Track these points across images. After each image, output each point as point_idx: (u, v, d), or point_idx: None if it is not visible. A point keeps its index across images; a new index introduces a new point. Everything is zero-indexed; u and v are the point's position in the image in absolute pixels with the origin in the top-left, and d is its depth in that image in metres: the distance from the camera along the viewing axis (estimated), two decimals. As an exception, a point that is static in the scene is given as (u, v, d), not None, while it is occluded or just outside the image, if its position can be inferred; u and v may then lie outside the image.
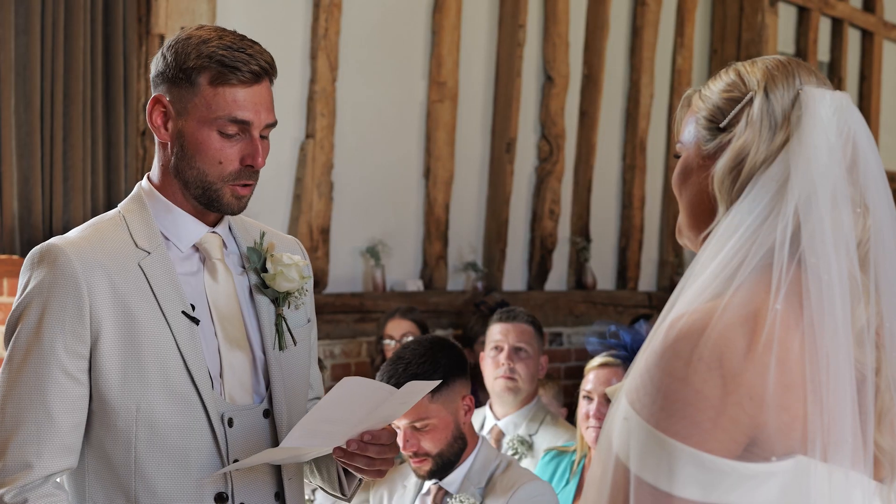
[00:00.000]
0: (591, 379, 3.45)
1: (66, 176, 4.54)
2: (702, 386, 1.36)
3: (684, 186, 1.58)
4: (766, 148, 1.48)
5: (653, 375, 1.40)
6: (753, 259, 1.43)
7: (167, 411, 1.99)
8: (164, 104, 2.06)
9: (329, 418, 1.99)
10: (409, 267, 5.99)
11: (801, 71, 1.53)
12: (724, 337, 1.37)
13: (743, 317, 1.39)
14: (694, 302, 1.42)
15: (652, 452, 1.38)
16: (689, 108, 1.60)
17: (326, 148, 5.47)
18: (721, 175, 1.49)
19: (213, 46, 2.02)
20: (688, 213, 1.58)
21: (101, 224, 2.10)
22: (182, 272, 2.07)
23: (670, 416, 1.37)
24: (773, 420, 1.37)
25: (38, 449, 1.94)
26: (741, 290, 1.41)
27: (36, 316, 1.96)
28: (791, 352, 1.39)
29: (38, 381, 1.95)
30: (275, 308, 2.15)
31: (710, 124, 1.54)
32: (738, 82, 1.53)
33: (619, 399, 1.45)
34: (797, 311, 1.41)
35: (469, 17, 6.12)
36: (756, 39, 7.64)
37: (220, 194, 2.06)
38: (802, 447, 1.38)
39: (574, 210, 6.86)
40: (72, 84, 4.53)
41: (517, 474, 3.00)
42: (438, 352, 2.95)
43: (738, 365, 1.37)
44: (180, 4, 4.81)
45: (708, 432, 1.36)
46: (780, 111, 1.49)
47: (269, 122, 2.07)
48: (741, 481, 1.37)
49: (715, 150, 1.52)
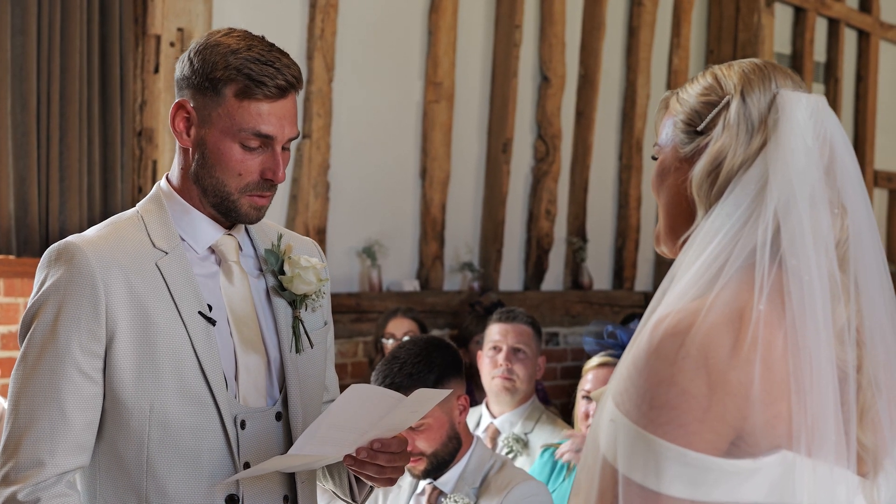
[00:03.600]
0: (589, 379, 3.46)
1: (63, 176, 4.54)
2: (688, 385, 1.38)
3: (662, 188, 1.59)
4: (743, 151, 1.49)
5: (639, 376, 1.41)
6: (736, 260, 1.45)
7: (180, 412, 1.98)
8: (187, 110, 2.05)
9: (336, 425, 1.97)
10: (405, 267, 6.00)
11: (778, 74, 1.54)
12: (709, 336, 1.39)
13: (727, 316, 1.40)
14: (678, 302, 1.44)
15: (639, 452, 1.39)
16: (667, 110, 1.61)
17: (323, 148, 5.47)
18: (699, 178, 1.51)
19: (241, 58, 2.00)
20: (666, 216, 1.60)
21: (119, 223, 2.08)
22: (198, 274, 2.06)
23: (657, 416, 1.38)
24: (759, 417, 1.38)
25: (52, 447, 1.94)
26: (725, 290, 1.42)
27: (52, 314, 1.95)
28: (775, 350, 1.40)
29: (52, 379, 1.94)
30: (292, 310, 2.14)
31: (688, 127, 1.56)
32: (714, 86, 1.55)
33: (605, 401, 1.46)
34: (780, 310, 1.43)
35: (465, 17, 6.13)
36: (752, 40, 7.64)
37: (238, 205, 2.05)
38: (787, 443, 1.40)
39: (570, 210, 6.86)
40: (68, 84, 4.53)
41: (511, 474, 3.00)
42: (434, 352, 2.95)
43: (724, 364, 1.38)
44: (177, 5, 4.81)
45: (694, 431, 1.37)
46: (757, 114, 1.51)
47: (291, 136, 2.06)
48: (728, 478, 1.39)
49: (692, 153, 1.54)
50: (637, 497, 1.39)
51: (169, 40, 4.80)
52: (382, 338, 5.09)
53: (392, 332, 5.06)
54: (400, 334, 5.01)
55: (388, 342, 5.05)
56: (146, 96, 4.81)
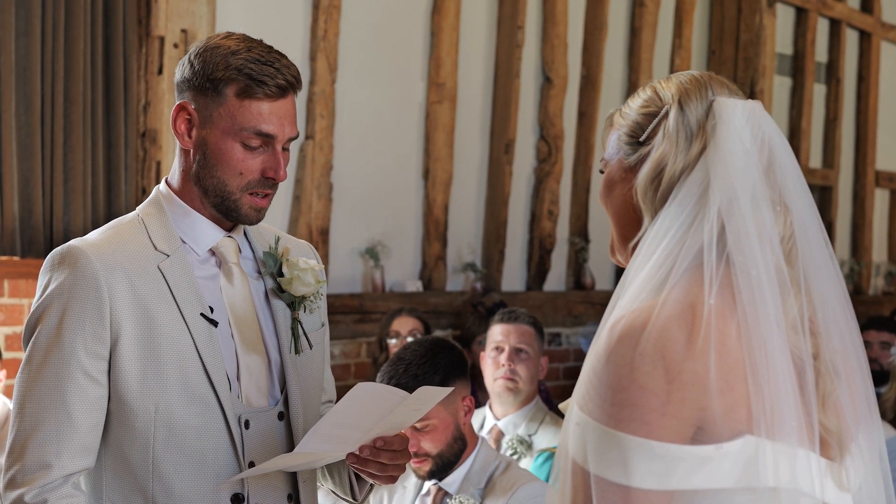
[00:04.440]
0: None
1: (67, 177, 4.55)
2: (646, 380, 1.43)
3: (609, 199, 1.66)
4: (683, 157, 1.56)
5: (599, 377, 1.46)
6: (684, 261, 1.50)
7: (185, 413, 1.99)
8: (188, 111, 2.07)
9: (342, 423, 1.99)
10: (408, 268, 6.01)
11: (714, 84, 1.61)
12: (664, 332, 1.44)
13: (680, 312, 1.46)
14: (631, 304, 1.49)
15: (606, 450, 1.44)
16: (612, 126, 1.68)
17: (326, 149, 5.48)
18: (644, 185, 1.57)
19: (241, 58, 2.02)
20: (615, 225, 1.66)
21: (120, 226, 2.10)
22: (199, 276, 2.08)
23: (619, 412, 1.43)
24: (717, 405, 1.44)
25: (58, 449, 1.95)
26: (676, 288, 1.48)
27: (56, 317, 1.96)
28: (729, 338, 1.46)
29: (57, 381, 1.96)
30: (290, 312, 2.16)
31: (631, 139, 1.62)
32: (654, 98, 1.62)
33: (571, 409, 1.51)
34: (731, 303, 1.48)
35: (468, 18, 6.14)
36: (754, 40, 7.66)
37: (239, 205, 2.07)
38: (748, 427, 1.45)
39: (573, 210, 6.87)
40: (72, 86, 4.54)
41: (516, 475, 3.01)
42: (439, 353, 2.95)
43: (680, 356, 1.44)
44: (180, 6, 4.82)
45: (657, 423, 1.43)
46: (695, 121, 1.57)
47: (291, 136, 2.08)
48: (695, 464, 1.44)
49: (636, 163, 1.60)
50: (610, 495, 1.43)
51: (172, 41, 4.81)
52: (387, 336, 5.10)
53: (397, 330, 5.07)
54: (405, 332, 5.03)
55: (392, 341, 5.06)
56: (150, 97, 4.82)
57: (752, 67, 7.66)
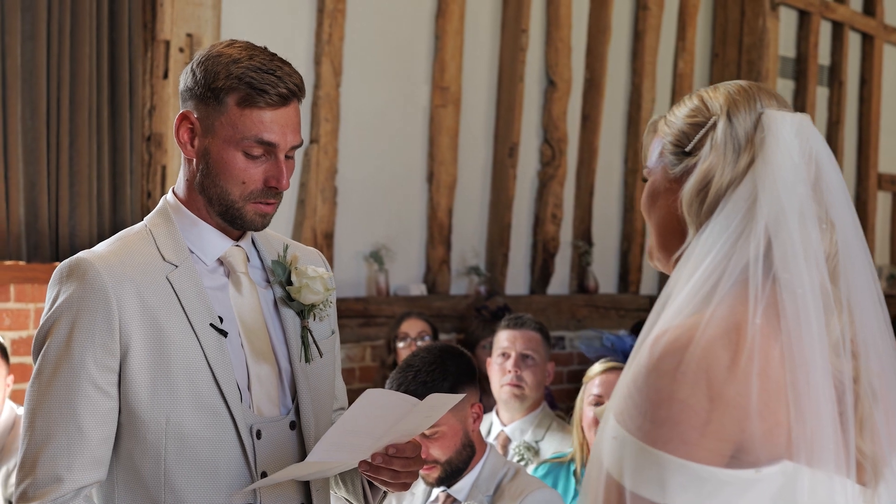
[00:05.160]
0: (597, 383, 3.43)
1: (72, 182, 4.55)
2: (688, 399, 1.41)
3: (653, 209, 1.63)
4: (731, 170, 1.53)
5: (640, 392, 1.44)
6: (731, 276, 1.48)
7: (196, 424, 1.99)
8: (191, 121, 2.06)
9: (353, 431, 1.99)
10: (412, 271, 6.01)
11: (762, 95, 1.58)
12: (708, 351, 1.42)
13: (725, 331, 1.44)
14: (675, 318, 1.47)
15: (644, 467, 1.42)
16: (655, 133, 1.65)
17: (330, 153, 5.48)
18: (689, 197, 1.55)
19: (242, 67, 2.01)
20: (657, 236, 1.63)
21: (128, 237, 2.09)
22: (208, 286, 2.07)
23: (658, 430, 1.42)
24: (758, 428, 1.42)
25: (69, 462, 1.94)
26: (721, 305, 1.46)
27: (65, 330, 1.96)
28: (772, 362, 1.44)
29: (68, 394, 1.95)
30: (300, 320, 2.15)
31: (676, 149, 1.59)
32: (701, 107, 1.59)
33: (607, 419, 1.49)
34: (775, 324, 1.46)
35: (472, 21, 6.14)
36: (757, 43, 7.65)
37: (243, 213, 2.06)
38: (788, 453, 1.43)
39: (576, 214, 6.87)
40: (78, 90, 4.54)
41: (525, 482, 3.01)
42: (448, 360, 2.95)
43: (723, 377, 1.42)
44: (185, 11, 4.82)
45: (696, 443, 1.41)
46: (743, 134, 1.54)
47: (294, 144, 2.07)
48: (731, 488, 1.42)
49: (681, 174, 1.58)
50: None
51: (178, 46, 4.81)
52: (396, 339, 5.10)
53: (406, 333, 5.07)
54: (414, 334, 5.03)
55: (401, 343, 5.06)
56: (155, 101, 4.82)
57: (755, 70, 7.65)
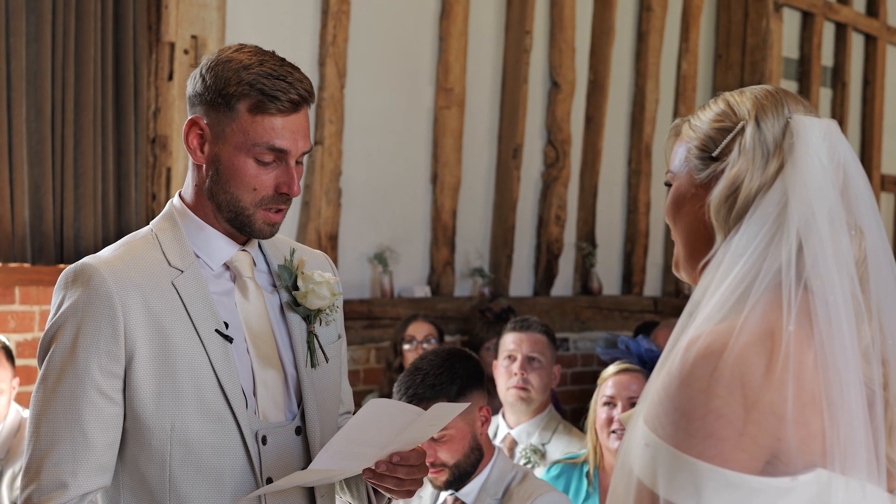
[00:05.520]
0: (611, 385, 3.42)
1: (77, 184, 4.54)
2: (723, 406, 1.39)
3: (678, 216, 1.61)
4: (760, 175, 1.52)
5: (672, 398, 1.42)
6: (762, 282, 1.46)
7: (202, 430, 1.98)
8: (200, 127, 2.05)
9: (357, 439, 1.98)
10: (416, 273, 6.00)
11: (789, 100, 1.57)
12: (742, 358, 1.41)
13: (758, 337, 1.42)
14: (707, 324, 1.45)
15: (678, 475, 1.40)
16: (678, 136, 1.63)
17: (335, 154, 5.48)
18: (717, 203, 1.53)
19: (253, 73, 2.00)
20: (684, 243, 1.61)
21: (133, 243, 2.08)
22: (214, 291, 2.06)
23: (693, 437, 1.40)
24: (793, 436, 1.40)
25: (74, 468, 1.94)
26: (754, 312, 1.44)
27: (70, 336, 1.95)
28: (806, 369, 1.43)
29: (72, 400, 1.94)
30: (306, 325, 2.14)
31: (702, 153, 1.57)
32: (728, 112, 1.57)
33: (636, 425, 1.47)
34: (808, 330, 1.45)
35: (476, 23, 6.14)
36: (761, 44, 7.65)
37: (252, 220, 2.05)
38: (822, 461, 1.42)
39: (580, 215, 6.87)
40: (82, 92, 4.54)
41: (534, 486, 3.00)
42: (456, 363, 2.95)
43: (759, 385, 1.40)
44: (190, 12, 4.81)
45: (731, 451, 1.39)
46: (772, 139, 1.53)
47: (305, 150, 2.06)
48: (765, 496, 1.40)
49: (708, 179, 1.56)
50: None
51: (183, 48, 4.81)
52: (402, 341, 5.09)
53: (412, 335, 5.06)
54: (420, 337, 5.03)
55: (407, 346, 5.05)
56: (160, 103, 4.82)
57: (759, 72, 7.65)
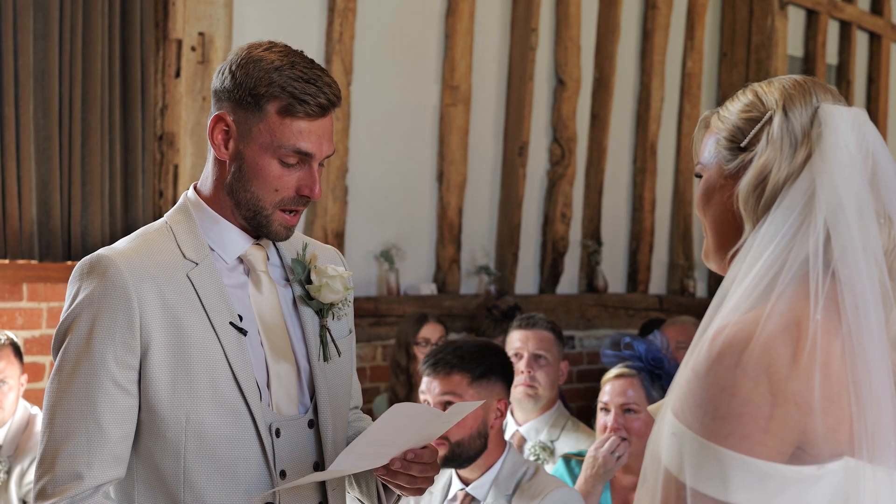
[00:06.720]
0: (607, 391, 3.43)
1: (85, 181, 4.55)
2: (750, 395, 1.40)
3: (708, 207, 1.62)
4: (788, 165, 1.52)
5: (700, 387, 1.43)
6: (790, 271, 1.47)
7: (216, 422, 1.98)
8: (227, 123, 2.05)
9: (378, 442, 2.00)
10: (422, 270, 6.01)
11: (817, 89, 1.57)
12: (769, 346, 1.41)
13: (785, 326, 1.42)
14: (734, 314, 1.46)
15: (705, 463, 1.41)
16: (708, 128, 1.64)
17: (341, 152, 5.48)
18: (746, 193, 1.54)
19: (285, 76, 2.00)
20: (713, 233, 1.62)
21: (148, 234, 2.08)
22: (228, 284, 2.07)
23: (720, 426, 1.40)
24: (820, 425, 1.41)
25: (89, 459, 1.94)
26: (781, 300, 1.44)
27: (86, 327, 1.95)
28: (833, 358, 1.43)
29: (88, 391, 1.94)
30: (319, 319, 2.15)
31: (731, 144, 1.58)
32: (756, 102, 1.58)
33: (664, 415, 1.48)
34: (835, 319, 1.45)
35: (482, 21, 6.14)
36: (766, 43, 7.65)
37: (270, 221, 2.06)
38: (850, 450, 1.42)
39: (585, 213, 6.87)
40: (90, 89, 4.54)
41: (545, 481, 3.00)
42: (489, 351, 3.06)
43: (785, 373, 1.40)
44: (197, 10, 4.82)
45: (758, 440, 1.39)
46: (800, 128, 1.53)
47: (328, 154, 2.08)
48: (793, 485, 1.40)
49: (737, 170, 1.56)
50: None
51: (190, 45, 4.81)
52: (415, 343, 5.06)
53: (427, 338, 5.02)
54: (435, 339, 5.00)
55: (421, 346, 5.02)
56: (167, 100, 4.82)
57: (764, 70, 7.65)
